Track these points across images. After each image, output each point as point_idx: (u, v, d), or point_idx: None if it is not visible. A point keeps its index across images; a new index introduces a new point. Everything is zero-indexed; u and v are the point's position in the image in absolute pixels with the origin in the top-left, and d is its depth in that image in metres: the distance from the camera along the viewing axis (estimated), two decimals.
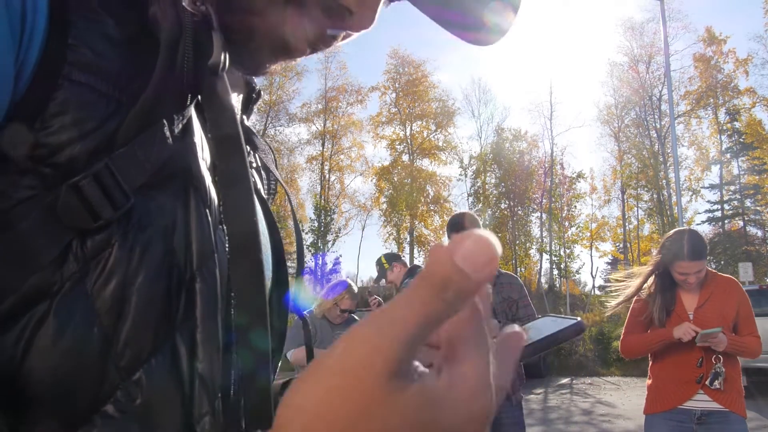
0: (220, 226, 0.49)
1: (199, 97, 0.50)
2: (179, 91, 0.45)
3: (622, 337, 2.82)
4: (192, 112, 0.49)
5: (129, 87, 0.41)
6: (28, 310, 0.37)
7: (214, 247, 0.47)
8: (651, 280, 2.70)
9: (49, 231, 0.37)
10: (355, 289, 3.76)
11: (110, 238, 0.39)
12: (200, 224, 0.46)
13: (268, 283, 0.51)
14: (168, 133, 0.44)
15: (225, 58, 0.49)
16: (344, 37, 0.54)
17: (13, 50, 0.36)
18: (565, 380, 13.17)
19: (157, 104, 0.43)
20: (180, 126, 0.46)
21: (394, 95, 27.98)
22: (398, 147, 27.65)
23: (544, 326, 0.51)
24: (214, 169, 0.50)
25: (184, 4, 0.46)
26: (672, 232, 2.73)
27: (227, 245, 0.48)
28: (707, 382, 2.51)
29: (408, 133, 27.68)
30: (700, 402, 2.55)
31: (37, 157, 0.37)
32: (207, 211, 0.47)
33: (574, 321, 0.51)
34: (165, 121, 0.44)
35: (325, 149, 27.46)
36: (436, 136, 27.65)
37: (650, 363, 2.78)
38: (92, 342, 0.39)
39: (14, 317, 0.36)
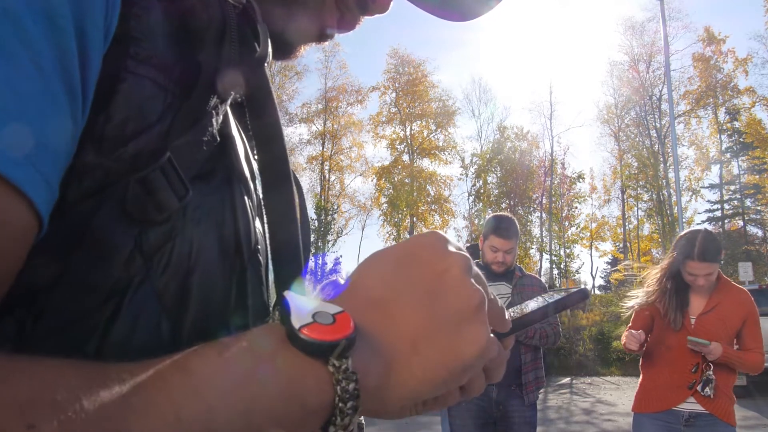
0: (258, 218, 0.52)
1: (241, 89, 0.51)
2: (223, 84, 0.45)
3: (625, 331, 2.82)
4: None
5: (179, 79, 0.41)
6: (100, 307, 0.36)
7: (259, 238, 0.50)
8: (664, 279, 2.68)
9: (121, 226, 0.37)
10: None
11: (171, 231, 0.40)
12: (244, 215, 0.47)
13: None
14: (215, 126, 0.44)
15: (270, 51, 0.51)
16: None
17: (101, 53, 0.36)
18: (565, 380, 13.17)
19: (207, 97, 0.43)
20: (221, 118, 0.46)
21: (394, 95, 27.99)
22: (398, 147, 27.65)
23: (548, 298, 0.52)
24: (248, 160, 0.53)
25: None
26: (687, 231, 2.70)
27: (268, 244, 0.51)
28: (698, 388, 2.51)
29: (408, 133, 27.68)
30: (689, 404, 2.55)
31: (103, 150, 0.36)
32: (249, 201, 0.49)
33: (579, 288, 0.51)
34: (213, 113, 0.44)
35: (325, 149, 27.46)
36: (436, 136, 27.67)
37: (641, 361, 2.79)
38: (162, 337, 0.39)
39: (87, 315, 0.36)
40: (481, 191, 26.48)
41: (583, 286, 0.52)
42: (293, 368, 0.32)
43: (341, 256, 24.17)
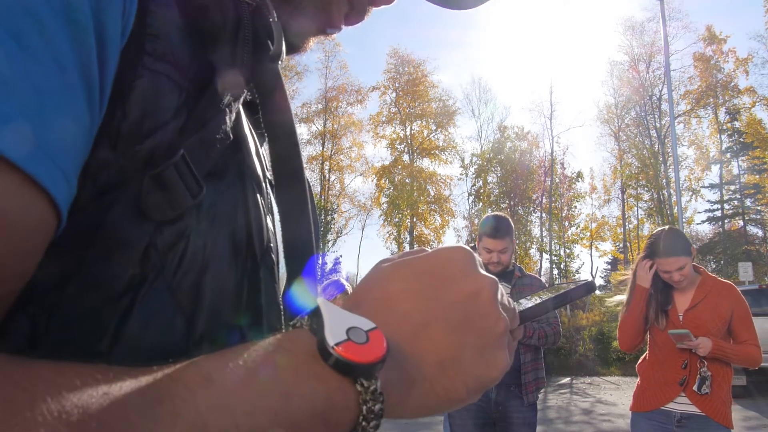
0: (270, 215, 0.52)
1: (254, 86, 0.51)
2: (236, 82, 0.45)
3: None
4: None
5: (194, 77, 0.41)
6: (114, 304, 0.36)
7: (271, 236, 0.50)
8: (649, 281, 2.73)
9: (135, 224, 0.37)
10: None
11: (185, 229, 0.40)
12: (257, 213, 0.48)
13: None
14: (228, 123, 0.44)
15: (284, 49, 0.51)
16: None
17: (119, 49, 0.36)
18: (565, 380, 13.18)
19: (220, 95, 0.43)
20: (234, 115, 0.46)
21: (394, 95, 27.97)
22: (398, 147, 27.64)
23: (555, 290, 0.52)
24: (259, 158, 0.52)
25: None
26: (655, 231, 2.79)
27: (281, 243, 0.51)
28: (695, 388, 2.51)
29: (408, 133, 27.67)
30: (681, 405, 2.56)
31: (119, 147, 0.36)
32: (261, 199, 0.49)
33: (585, 280, 0.51)
34: (227, 111, 0.44)
35: (325, 149, 27.45)
36: (436, 136, 27.66)
37: (639, 361, 2.82)
38: (176, 334, 0.39)
39: (100, 312, 0.36)
40: (481, 191, 26.48)
41: (590, 279, 0.52)
42: (320, 384, 0.32)
43: (341, 256, 24.22)
